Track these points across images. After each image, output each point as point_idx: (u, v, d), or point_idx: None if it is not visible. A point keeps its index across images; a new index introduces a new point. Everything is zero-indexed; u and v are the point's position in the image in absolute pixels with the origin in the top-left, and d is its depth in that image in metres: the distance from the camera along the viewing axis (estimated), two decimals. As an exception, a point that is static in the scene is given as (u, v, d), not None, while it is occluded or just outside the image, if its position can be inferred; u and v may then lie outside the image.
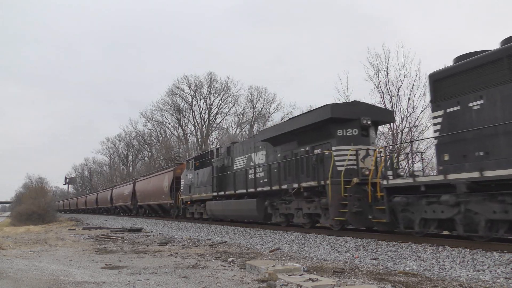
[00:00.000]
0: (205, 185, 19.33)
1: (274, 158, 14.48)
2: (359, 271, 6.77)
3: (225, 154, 18.25)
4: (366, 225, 11.11)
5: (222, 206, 17.47)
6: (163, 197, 27.08)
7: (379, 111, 12.86)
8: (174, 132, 54.02)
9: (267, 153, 15.02)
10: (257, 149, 15.70)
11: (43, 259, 9.31)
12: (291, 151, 13.58)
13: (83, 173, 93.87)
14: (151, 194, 30.21)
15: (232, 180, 16.80)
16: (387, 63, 24.92)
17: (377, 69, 25.23)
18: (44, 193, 42.53)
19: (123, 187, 40.97)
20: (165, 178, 27.03)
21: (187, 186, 21.90)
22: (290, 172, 13.29)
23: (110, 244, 12.68)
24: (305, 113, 13.71)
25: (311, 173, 12.23)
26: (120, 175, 68.64)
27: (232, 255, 9.27)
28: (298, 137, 13.23)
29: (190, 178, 21.60)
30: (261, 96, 49.94)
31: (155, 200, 29.33)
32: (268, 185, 14.17)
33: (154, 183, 29.78)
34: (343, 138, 11.76)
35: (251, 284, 5.85)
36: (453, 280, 5.87)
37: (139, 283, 6.06)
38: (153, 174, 32.53)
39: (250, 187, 15.21)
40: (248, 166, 16.00)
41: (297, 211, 13.12)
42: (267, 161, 14.84)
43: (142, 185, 33.44)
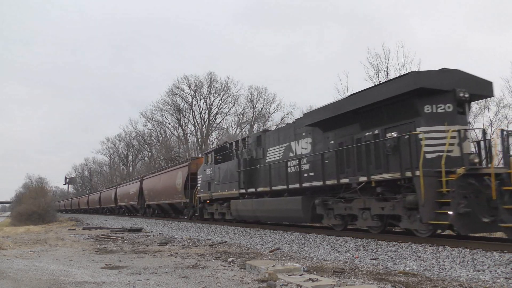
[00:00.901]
0: (229, 181, 16.82)
1: (324, 146, 11.98)
2: (359, 271, 6.77)
3: (255, 144, 15.84)
4: (479, 230, 8.63)
5: (253, 206, 14.84)
6: (176, 196, 24.50)
7: (477, 82, 9.77)
8: (174, 132, 54.11)
9: (313, 140, 12.47)
10: (299, 137, 13.14)
11: (43, 259, 9.32)
12: (351, 136, 11.05)
13: (83, 173, 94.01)
14: (161, 193, 27.59)
15: (266, 174, 14.34)
16: (387, 63, 24.95)
17: (377, 69, 25.25)
18: (44, 193, 42.56)
19: (128, 186, 38.45)
20: (178, 175, 24.35)
21: (206, 183, 19.29)
22: (350, 163, 10.92)
23: (110, 244, 12.68)
24: (374, 87, 10.66)
25: (385, 163, 9.78)
26: (120, 175, 68.64)
27: (232, 255, 9.27)
28: (363, 118, 10.63)
29: (209, 173, 19.01)
30: (261, 96, 50.01)
31: (166, 199, 26.66)
32: (318, 179, 11.72)
33: (165, 181, 27.19)
34: (434, 115, 9.20)
35: (251, 284, 5.85)
36: (453, 280, 5.87)
37: (139, 283, 6.06)
38: (163, 171, 29.67)
39: (292, 182, 12.75)
40: (287, 157, 13.51)
41: (363, 211, 10.43)
42: (314, 150, 12.38)
43: (151, 182, 30.80)
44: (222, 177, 17.58)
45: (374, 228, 10.38)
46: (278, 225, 14.99)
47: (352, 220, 11.18)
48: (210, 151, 19.97)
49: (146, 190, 31.68)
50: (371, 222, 10.22)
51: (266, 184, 14.21)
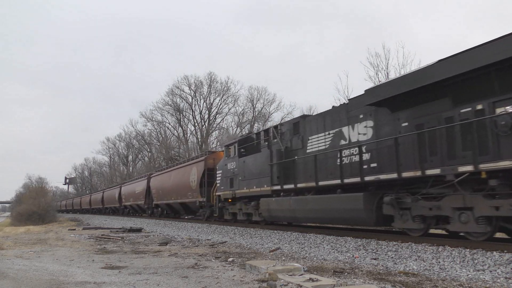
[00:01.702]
0: (257, 176, 14.62)
1: (393, 129, 9.56)
2: (359, 271, 6.77)
3: (290, 133, 13.52)
4: None
5: (291, 205, 12.62)
6: (190, 194, 22.21)
7: None
8: (174, 132, 54.16)
9: (376, 124, 10.12)
10: (354, 120, 10.83)
11: (43, 259, 9.31)
12: (436, 115, 8.65)
13: (83, 173, 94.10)
14: (172, 191, 25.25)
15: (308, 167, 12.16)
16: (387, 63, 24.92)
17: (377, 69, 25.23)
18: (44, 193, 42.54)
19: (134, 184, 36.15)
20: (193, 171, 22.11)
21: (227, 179, 17.08)
22: (436, 149, 8.54)
23: (110, 244, 12.69)
24: (479, 46, 7.74)
25: (496, 148, 7.44)
26: (120, 175, 68.66)
27: (232, 255, 9.27)
28: (456, 90, 8.24)
29: (231, 168, 16.81)
30: (261, 96, 50.07)
31: (177, 198, 24.32)
32: (386, 171, 9.43)
33: (176, 178, 24.94)
34: None
35: (251, 284, 5.85)
36: (453, 280, 5.87)
37: (139, 283, 6.06)
38: (174, 167, 27.35)
39: (347, 176, 10.56)
40: (336, 146, 11.26)
41: (459, 212, 8.16)
42: (377, 135, 10.01)
43: (160, 180, 28.57)
44: (249, 172, 15.33)
45: (477, 234, 7.97)
46: (278, 225, 14.90)
47: (438, 222, 8.92)
48: (232, 143, 17.49)
49: (154, 188, 29.62)
50: (475, 226, 7.85)
51: (308, 179, 11.98)
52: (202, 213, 21.40)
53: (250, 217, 16.05)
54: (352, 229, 11.99)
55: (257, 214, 15.18)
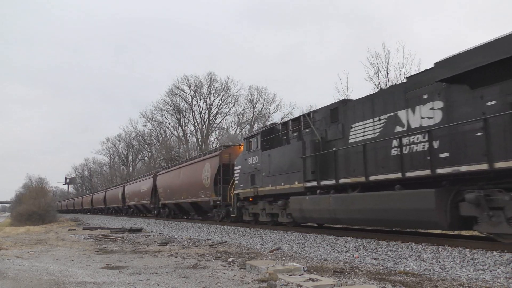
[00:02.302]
0: (286, 171, 12.86)
1: (474, 110, 7.75)
2: (359, 271, 6.77)
3: (327, 121, 11.75)
4: None
5: (331, 204, 10.72)
6: (202, 193, 20.25)
7: None
8: (174, 132, 54.13)
9: (448, 104, 8.31)
10: (415, 102, 8.94)
11: (43, 259, 9.32)
12: None
13: (83, 173, 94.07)
14: (182, 190, 23.30)
15: (352, 160, 10.52)
16: (387, 63, 24.89)
17: (377, 69, 25.21)
18: (44, 193, 42.56)
19: (139, 183, 34.11)
20: (205, 167, 20.07)
21: (248, 176, 15.30)
22: None
23: (110, 244, 12.69)
24: None
25: None
26: (120, 175, 68.66)
27: (232, 255, 9.27)
28: None
29: (253, 163, 15.06)
30: (261, 96, 50.05)
31: (188, 197, 22.35)
32: (464, 162, 7.62)
33: (186, 175, 23.00)
34: None
35: (251, 284, 5.85)
36: (454, 280, 5.87)
37: (139, 283, 6.06)
38: (184, 164, 25.24)
39: (412, 167, 8.65)
40: (390, 133, 9.48)
41: None
42: (449, 118, 8.17)
43: (167, 178, 26.61)
44: (275, 167, 13.49)
45: None
46: (279, 225, 14.74)
47: None
48: (254, 134, 15.68)
49: (161, 187, 27.66)
50: None
51: (351, 174, 10.40)
52: (216, 213, 19.46)
53: (275, 218, 14.28)
54: (352, 229, 11.97)
55: (285, 215, 13.42)
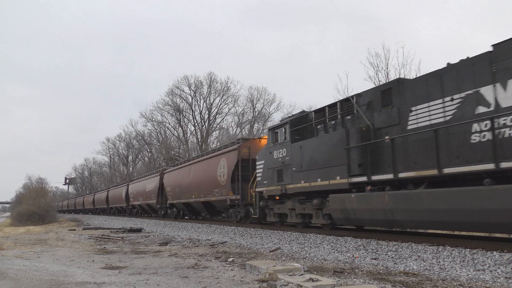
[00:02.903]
0: (323, 165, 11.17)
1: None
2: (359, 271, 6.77)
3: (376, 104, 10.21)
4: None
5: (389, 203, 9.00)
6: (217, 192, 18.49)
7: None
8: (174, 132, 54.14)
9: None
10: (507, 75, 7.45)
11: (43, 259, 9.31)
12: None
13: (83, 174, 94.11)
14: (193, 188, 21.57)
15: (411, 150, 9.08)
16: (387, 63, 24.88)
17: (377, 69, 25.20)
18: (44, 193, 42.52)
19: (144, 181, 32.35)
20: (221, 163, 18.30)
21: (273, 171, 13.69)
22: None
23: (110, 245, 12.69)
24: None
25: None
26: (120, 175, 68.66)
27: (232, 255, 9.27)
28: None
29: (280, 157, 13.36)
30: (261, 96, 50.09)
31: (199, 197, 20.63)
32: None
33: (198, 172, 21.16)
34: None
35: (251, 284, 5.85)
36: (454, 280, 5.87)
37: (139, 283, 6.06)
38: (196, 160, 23.22)
39: (506, 156, 7.16)
40: (468, 115, 7.99)
41: None
42: None
43: (176, 176, 24.96)
44: (309, 160, 11.85)
45: None
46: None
47: None
48: (281, 124, 13.78)
49: (168, 186, 25.80)
50: None
51: (412, 166, 8.90)
52: (233, 213, 17.75)
53: (307, 219, 12.74)
54: (352, 229, 11.96)
55: (320, 216, 11.84)
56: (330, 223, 11.67)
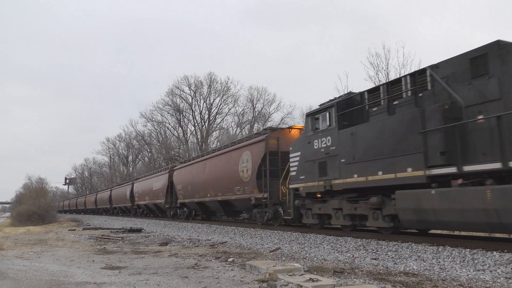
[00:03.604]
0: (387, 154, 9.24)
1: None
2: (360, 271, 6.77)
3: (462, 76, 8.24)
4: None
5: (496, 201, 7.06)
6: (239, 189, 16.42)
7: None
8: (174, 133, 54.16)
9: None
10: None
11: (43, 259, 9.31)
12: None
13: (83, 174, 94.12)
14: (208, 186, 19.49)
15: None
16: (387, 63, 24.85)
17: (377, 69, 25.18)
18: (44, 193, 42.50)
19: (151, 180, 30.26)
20: (244, 157, 16.25)
21: (313, 164, 11.66)
22: None
23: (110, 245, 12.68)
24: None
25: None
26: (120, 176, 68.66)
27: (232, 255, 9.27)
28: None
29: (323, 146, 11.33)
30: (261, 96, 50.10)
31: (216, 195, 18.57)
32: None
33: (216, 168, 18.98)
34: None
35: (251, 284, 5.85)
36: (454, 280, 5.87)
37: (139, 284, 6.06)
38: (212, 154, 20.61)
39: None
40: None
41: None
42: None
43: (188, 173, 22.70)
44: (365, 149, 9.92)
45: None
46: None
47: None
48: (324, 108, 11.54)
49: (179, 183, 23.72)
50: None
51: None
52: (258, 214, 15.56)
53: (359, 221, 10.92)
54: (352, 229, 11.94)
55: (380, 217, 9.92)
56: (392, 227, 9.72)
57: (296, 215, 12.88)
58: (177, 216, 24.92)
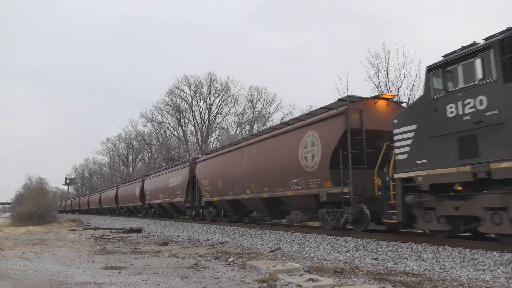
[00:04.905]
0: None
1: None
2: (360, 271, 6.77)
3: None
4: None
5: None
6: (299, 183, 12.56)
7: None
8: (174, 133, 54.12)
9: None
10: None
11: (44, 259, 9.31)
12: None
13: (83, 174, 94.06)
14: (250, 180, 15.50)
15: None
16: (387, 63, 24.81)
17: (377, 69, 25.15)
18: (44, 193, 42.49)
19: (166, 175, 26.16)
20: (308, 139, 12.25)
21: (444, 141, 8.26)
22: None
23: (111, 245, 12.68)
24: None
25: None
26: (120, 176, 68.64)
27: (232, 255, 9.27)
28: None
29: (468, 112, 7.81)
30: (261, 96, 50.03)
31: (262, 191, 14.66)
32: None
33: (260, 157, 14.88)
34: None
35: (251, 284, 5.85)
36: (454, 280, 5.87)
37: (139, 284, 6.06)
38: (252, 140, 16.25)
39: None
40: None
41: None
42: None
43: (217, 165, 18.70)
44: None
45: None
46: (278, 225, 14.58)
47: None
48: (469, 53, 8.00)
49: (205, 178, 19.87)
50: None
51: None
52: (328, 216, 11.71)
53: None
54: (352, 229, 11.92)
55: None
56: None
57: (405, 217, 9.26)
58: (200, 217, 21.24)
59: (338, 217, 11.41)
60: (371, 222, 10.88)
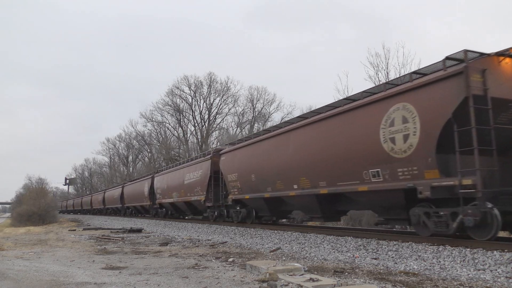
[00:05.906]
0: None
1: None
2: (360, 271, 6.77)
3: None
4: None
5: None
6: (380, 173, 9.43)
7: None
8: (174, 133, 54.10)
9: None
10: None
11: (44, 260, 9.31)
12: None
13: (83, 174, 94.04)
14: (299, 172, 12.39)
15: None
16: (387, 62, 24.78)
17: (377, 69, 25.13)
18: (44, 194, 42.48)
19: (181, 171, 23.01)
20: (394, 114, 9.04)
21: None
22: None
23: (111, 245, 12.68)
24: None
25: None
26: (120, 176, 68.62)
27: (232, 255, 9.27)
28: None
29: None
30: (261, 96, 50.01)
31: (317, 185, 11.59)
32: None
33: (313, 142, 11.75)
34: None
35: (251, 284, 5.85)
36: (454, 280, 5.87)
37: (139, 284, 6.06)
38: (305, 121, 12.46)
39: None
40: None
41: None
42: None
43: (249, 156, 15.63)
44: None
45: None
46: (278, 225, 14.59)
47: None
48: None
49: (232, 172, 16.81)
50: None
51: None
52: (424, 219, 8.71)
53: None
54: (352, 229, 11.92)
55: None
56: None
57: None
58: (224, 218, 18.27)
59: (446, 219, 8.21)
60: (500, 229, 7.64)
